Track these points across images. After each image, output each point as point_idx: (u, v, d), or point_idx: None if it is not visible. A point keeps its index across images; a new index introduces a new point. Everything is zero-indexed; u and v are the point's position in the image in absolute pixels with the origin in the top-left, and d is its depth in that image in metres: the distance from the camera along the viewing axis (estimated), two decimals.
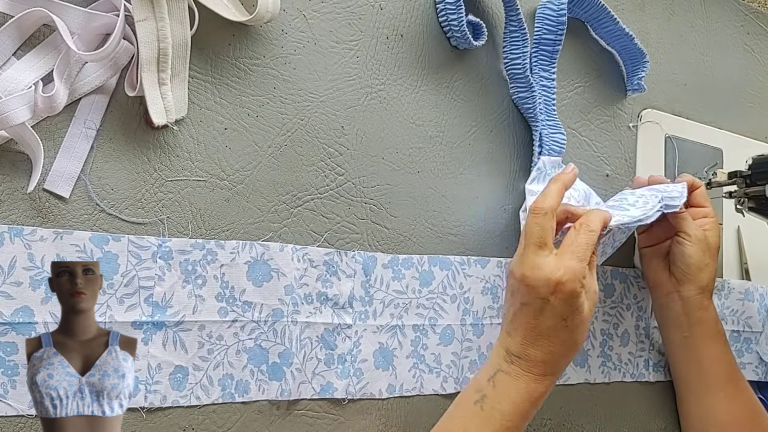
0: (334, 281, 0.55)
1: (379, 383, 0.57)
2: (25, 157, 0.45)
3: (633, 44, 0.69)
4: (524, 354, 0.50)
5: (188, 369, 0.49)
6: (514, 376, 0.50)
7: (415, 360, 0.59)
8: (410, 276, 0.59)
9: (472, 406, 0.50)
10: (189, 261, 0.49)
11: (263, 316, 0.52)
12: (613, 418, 0.71)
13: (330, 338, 0.55)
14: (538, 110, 0.65)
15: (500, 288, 0.64)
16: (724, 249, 0.79)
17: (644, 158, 0.75)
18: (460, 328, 0.61)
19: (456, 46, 0.63)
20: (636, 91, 0.72)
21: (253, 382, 0.51)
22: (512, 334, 0.52)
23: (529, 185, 0.65)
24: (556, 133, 0.66)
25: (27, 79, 0.44)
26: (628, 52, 0.71)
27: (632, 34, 0.69)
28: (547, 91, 0.66)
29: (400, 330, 0.58)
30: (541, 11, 0.65)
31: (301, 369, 0.53)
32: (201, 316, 0.50)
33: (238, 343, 0.51)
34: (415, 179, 0.60)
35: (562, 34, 0.65)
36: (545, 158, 0.65)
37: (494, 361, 0.52)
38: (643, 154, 0.75)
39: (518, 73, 0.64)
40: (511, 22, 0.63)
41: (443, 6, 0.61)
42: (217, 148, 0.52)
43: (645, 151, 0.74)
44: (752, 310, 0.80)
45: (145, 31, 0.46)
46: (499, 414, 0.49)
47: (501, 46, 0.65)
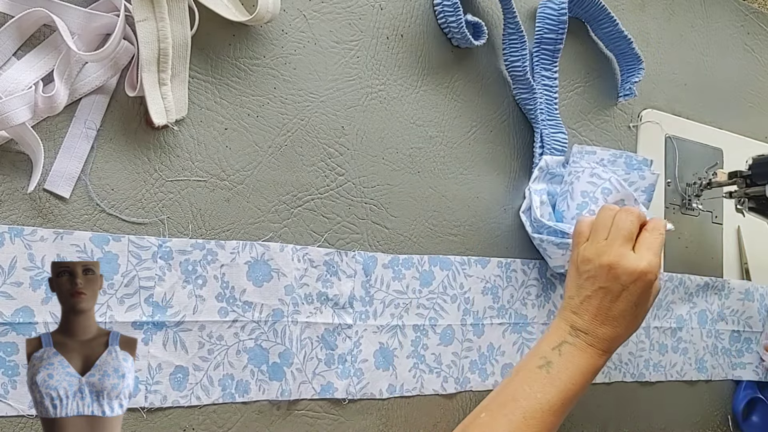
0: (335, 281, 0.55)
1: (379, 383, 0.57)
2: (25, 158, 0.45)
3: (630, 48, 0.69)
4: (592, 331, 0.55)
5: (188, 369, 0.49)
6: (580, 348, 0.55)
7: (415, 360, 0.59)
8: (411, 276, 0.59)
9: (536, 370, 0.54)
10: (189, 261, 0.49)
11: (263, 316, 0.52)
12: (613, 418, 0.71)
13: (330, 338, 0.55)
14: (539, 110, 0.65)
15: (500, 288, 0.64)
16: (724, 249, 0.79)
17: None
18: (461, 328, 0.61)
19: (457, 46, 0.63)
20: (627, 96, 0.72)
21: (254, 382, 0.51)
22: (580, 314, 0.56)
23: (533, 184, 0.65)
24: (558, 133, 0.66)
25: (27, 80, 0.44)
26: (625, 57, 0.71)
27: (630, 38, 0.69)
28: (549, 90, 0.66)
29: (400, 330, 0.58)
30: (542, 10, 0.65)
31: (302, 369, 0.53)
32: (201, 316, 0.50)
33: (238, 343, 0.51)
34: (415, 179, 0.60)
35: (563, 32, 0.65)
36: (547, 157, 0.65)
37: (558, 334, 0.56)
38: (643, 154, 0.74)
39: (519, 74, 0.64)
40: (509, 25, 0.63)
41: (441, 8, 0.61)
42: (217, 148, 0.52)
43: (645, 151, 0.74)
44: (752, 310, 0.80)
45: (146, 32, 0.46)
46: (566, 377, 0.54)
47: (501, 47, 0.65)
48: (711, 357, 0.76)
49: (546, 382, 0.53)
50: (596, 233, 0.57)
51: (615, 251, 0.55)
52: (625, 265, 0.54)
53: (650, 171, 0.62)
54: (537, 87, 0.65)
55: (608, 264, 0.55)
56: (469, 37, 0.61)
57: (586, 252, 0.57)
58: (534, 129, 0.66)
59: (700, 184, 0.75)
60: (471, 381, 0.61)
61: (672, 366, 0.74)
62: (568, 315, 0.57)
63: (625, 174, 0.61)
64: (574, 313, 0.56)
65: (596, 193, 0.61)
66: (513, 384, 0.55)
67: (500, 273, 0.64)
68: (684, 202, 0.76)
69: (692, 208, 0.76)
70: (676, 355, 0.74)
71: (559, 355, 0.55)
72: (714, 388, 0.74)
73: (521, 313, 0.65)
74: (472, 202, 0.63)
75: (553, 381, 0.53)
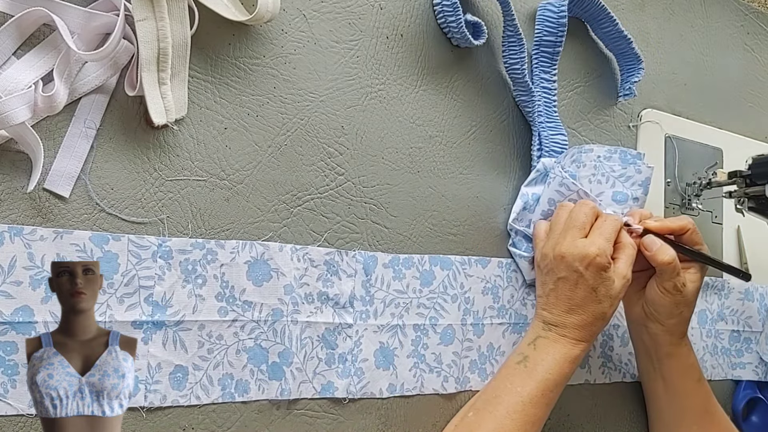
0: (335, 281, 0.55)
1: (379, 383, 0.57)
2: (25, 157, 0.45)
3: (630, 48, 0.69)
4: (561, 322, 0.57)
5: (188, 368, 0.49)
6: (553, 339, 0.57)
7: (415, 360, 0.59)
8: (411, 276, 0.59)
9: (515, 366, 0.57)
10: (189, 261, 0.49)
11: (263, 315, 0.52)
12: (613, 418, 0.71)
13: (331, 338, 0.55)
14: (537, 112, 0.65)
15: (501, 288, 0.64)
16: (724, 249, 0.79)
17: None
18: (461, 327, 0.61)
19: (457, 45, 0.63)
20: (627, 96, 0.71)
21: (253, 381, 0.51)
22: (549, 309, 0.58)
23: (525, 187, 0.65)
24: (557, 134, 0.66)
25: (27, 79, 0.44)
26: (625, 56, 0.71)
27: (630, 38, 0.69)
28: (548, 93, 0.66)
29: (400, 329, 0.58)
30: (542, 13, 0.65)
31: (302, 368, 0.53)
32: (201, 316, 0.50)
33: (237, 343, 0.51)
34: (415, 179, 0.60)
35: (562, 35, 0.64)
36: (545, 160, 0.65)
37: (533, 331, 0.59)
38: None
39: (518, 77, 0.64)
40: (508, 28, 0.63)
41: (441, 8, 0.61)
42: (217, 147, 0.52)
43: (645, 151, 0.74)
44: (752, 310, 0.80)
45: (145, 31, 0.46)
46: (541, 368, 0.56)
47: (500, 48, 0.65)
48: (711, 357, 0.76)
49: (524, 376, 0.56)
50: (552, 231, 0.60)
51: (567, 241, 0.57)
52: (574, 252, 0.56)
53: (644, 164, 0.62)
54: (536, 89, 0.65)
55: (560, 254, 0.57)
56: (469, 37, 0.61)
57: (545, 249, 0.59)
58: (532, 131, 0.66)
59: (699, 183, 0.75)
60: (471, 381, 0.61)
61: None
62: (539, 312, 0.59)
63: (621, 169, 0.61)
64: (544, 309, 0.59)
65: (563, 202, 0.62)
66: (495, 381, 0.58)
67: (500, 273, 0.64)
68: (684, 201, 0.76)
69: (692, 208, 0.76)
70: None
71: (534, 349, 0.57)
72: (714, 388, 0.74)
73: (521, 314, 0.65)
74: (472, 202, 0.63)
75: (530, 374, 0.56)
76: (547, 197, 0.63)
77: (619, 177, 0.61)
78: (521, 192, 0.65)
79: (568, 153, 0.64)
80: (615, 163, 0.61)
